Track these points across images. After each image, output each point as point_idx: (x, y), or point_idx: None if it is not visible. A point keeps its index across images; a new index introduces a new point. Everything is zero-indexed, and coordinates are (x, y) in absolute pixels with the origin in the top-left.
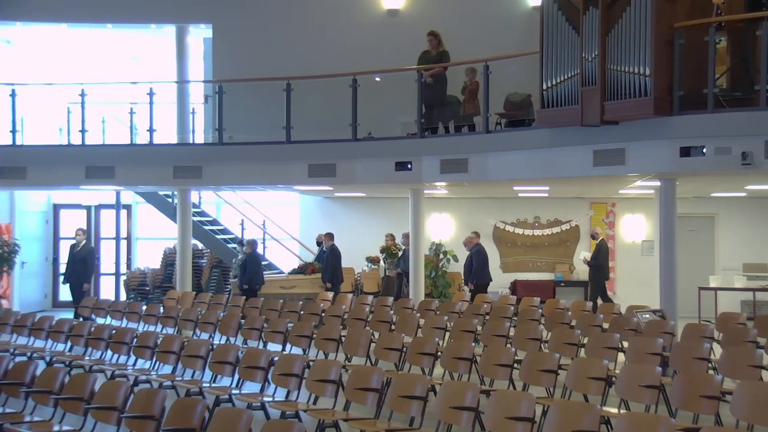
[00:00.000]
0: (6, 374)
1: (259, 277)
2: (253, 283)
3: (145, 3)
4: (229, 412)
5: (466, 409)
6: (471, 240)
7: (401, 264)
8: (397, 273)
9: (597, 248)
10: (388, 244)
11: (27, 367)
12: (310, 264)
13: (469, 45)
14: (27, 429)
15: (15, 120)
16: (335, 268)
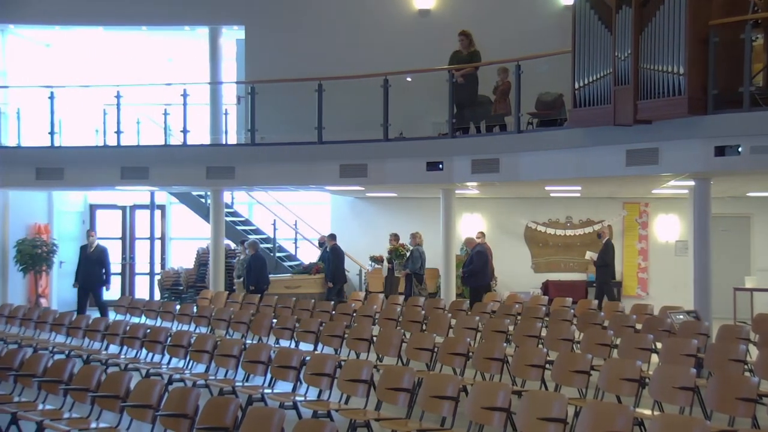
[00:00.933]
0: (45, 372)
1: (265, 278)
2: (260, 284)
3: (179, 5)
4: (262, 411)
5: (497, 409)
6: (471, 241)
7: (410, 264)
8: (406, 274)
9: (603, 248)
10: (394, 245)
11: (65, 365)
12: (314, 264)
13: (500, 45)
14: (65, 425)
15: (53, 122)
16: (337, 268)
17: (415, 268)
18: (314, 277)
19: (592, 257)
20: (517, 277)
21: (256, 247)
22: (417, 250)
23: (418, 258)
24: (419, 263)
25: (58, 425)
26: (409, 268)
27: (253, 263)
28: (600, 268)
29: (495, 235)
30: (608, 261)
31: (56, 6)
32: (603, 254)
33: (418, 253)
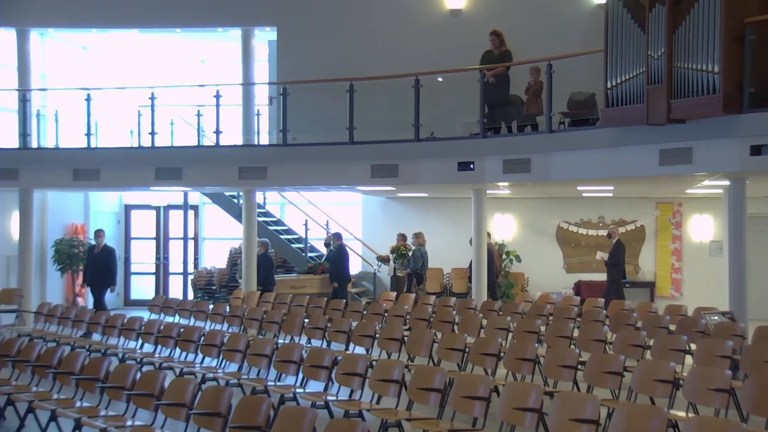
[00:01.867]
0: (82, 370)
1: (272, 279)
2: (267, 284)
3: (212, 7)
4: (294, 410)
5: (529, 410)
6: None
7: (410, 264)
8: (408, 273)
9: (614, 248)
10: (398, 245)
11: (101, 364)
12: (319, 264)
13: (532, 44)
14: (102, 423)
15: (90, 123)
16: (341, 268)
17: (416, 267)
18: (319, 277)
19: (603, 257)
20: (549, 278)
21: (266, 247)
22: (419, 250)
23: (419, 258)
24: (420, 263)
25: (95, 422)
26: (409, 268)
27: (263, 263)
28: (611, 268)
29: (526, 236)
30: (618, 260)
31: (93, 9)
32: (614, 254)
33: (419, 252)
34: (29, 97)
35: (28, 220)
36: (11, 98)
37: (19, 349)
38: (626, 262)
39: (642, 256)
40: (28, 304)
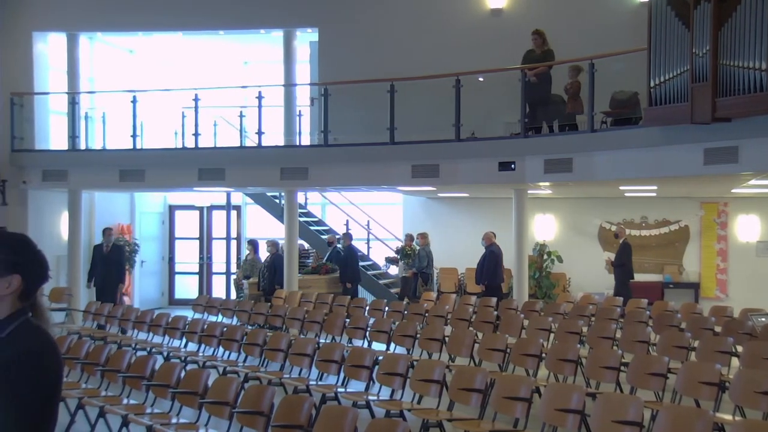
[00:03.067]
0: (129, 368)
1: (281, 279)
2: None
3: (254, 10)
4: (336, 410)
5: (571, 411)
6: (489, 237)
7: (416, 264)
8: (413, 273)
9: (621, 248)
10: (404, 245)
11: (147, 362)
12: (323, 264)
13: (573, 43)
14: (148, 420)
15: (135, 125)
16: (354, 268)
17: (421, 267)
18: (324, 277)
19: (609, 258)
20: (591, 278)
21: (277, 247)
22: (423, 249)
23: (424, 257)
24: (425, 262)
25: (142, 420)
26: (415, 267)
27: (273, 264)
28: (617, 269)
29: (568, 236)
30: (624, 261)
31: (140, 13)
32: (620, 254)
33: (424, 252)
34: (78, 100)
35: (77, 221)
36: (61, 101)
37: (69, 347)
38: (669, 263)
39: (686, 257)
40: (76, 303)
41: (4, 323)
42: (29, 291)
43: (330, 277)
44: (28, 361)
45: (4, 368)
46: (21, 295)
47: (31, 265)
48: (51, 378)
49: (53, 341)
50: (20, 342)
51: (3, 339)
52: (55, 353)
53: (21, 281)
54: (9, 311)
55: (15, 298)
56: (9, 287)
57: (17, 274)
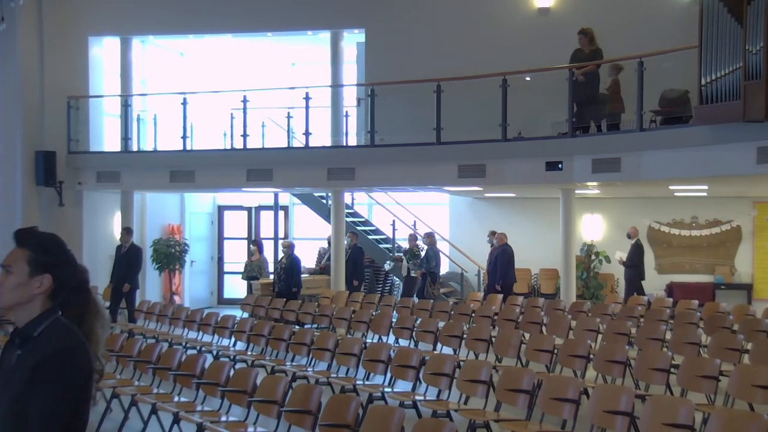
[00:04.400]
0: (179, 366)
1: (298, 281)
2: (293, 286)
3: (302, 11)
4: (382, 409)
5: (620, 413)
6: (502, 237)
7: (424, 264)
8: (422, 273)
9: (633, 248)
10: (410, 245)
11: (197, 360)
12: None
13: (622, 41)
14: (198, 418)
15: (185, 126)
16: (361, 266)
17: (429, 267)
18: (329, 277)
19: (621, 257)
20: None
21: (292, 249)
22: (431, 249)
23: (432, 257)
24: (434, 262)
25: (192, 417)
26: (423, 268)
27: (295, 265)
28: (629, 269)
29: (616, 236)
30: (637, 261)
31: (191, 16)
32: (632, 254)
33: (432, 252)
34: (131, 102)
35: (129, 221)
36: (115, 104)
37: (122, 345)
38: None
39: (738, 258)
40: None
41: (35, 322)
42: (59, 290)
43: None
44: (58, 360)
45: (34, 367)
46: (51, 295)
47: (61, 265)
48: (81, 377)
49: (83, 340)
50: (51, 341)
51: (34, 338)
52: (85, 352)
53: (52, 281)
54: (40, 310)
55: (46, 298)
56: (40, 286)
57: (48, 274)
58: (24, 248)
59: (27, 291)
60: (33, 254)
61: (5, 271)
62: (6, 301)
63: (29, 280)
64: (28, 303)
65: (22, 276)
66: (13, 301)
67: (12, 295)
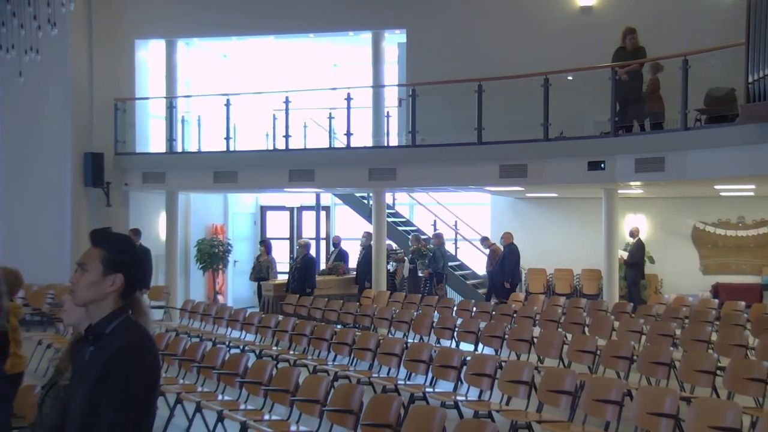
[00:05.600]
0: (223, 365)
1: (312, 281)
2: (307, 286)
3: (343, 12)
4: (424, 409)
5: (665, 416)
6: (508, 237)
7: (432, 264)
8: (429, 273)
9: (635, 247)
10: (416, 246)
11: (240, 359)
12: (339, 265)
13: (665, 39)
14: (241, 416)
15: (229, 127)
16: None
17: (437, 267)
18: (338, 278)
19: (623, 256)
20: (684, 279)
21: (307, 249)
22: (439, 249)
23: (440, 257)
24: (441, 263)
25: (236, 416)
26: (431, 268)
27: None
28: (630, 268)
29: (660, 236)
30: (638, 260)
31: (234, 18)
32: (634, 253)
33: (440, 252)
34: (175, 104)
35: (174, 221)
36: (160, 105)
37: (167, 344)
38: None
39: None
40: (174, 301)
41: (107, 320)
42: (130, 290)
43: (341, 279)
44: (128, 357)
45: (106, 364)
46: (122, 294)
47: (133, 265)
48: (149, 374)
49: (152, 338)
50: (121, 339)
51: (106, 335)
52: (153, 350)
53: (123, 280)
54: (111, 309)
55: (117, 296)
56: (113, 285)
57: (120, 273)
58: (98, 248)
59: (100, 289)
60: (107, 254)
61: (81, 269)
62: (80, 299)
63: (103, 279)
64: (101, 301)
65: (96, 274)
66: (87, 299)
67: (86, 292)
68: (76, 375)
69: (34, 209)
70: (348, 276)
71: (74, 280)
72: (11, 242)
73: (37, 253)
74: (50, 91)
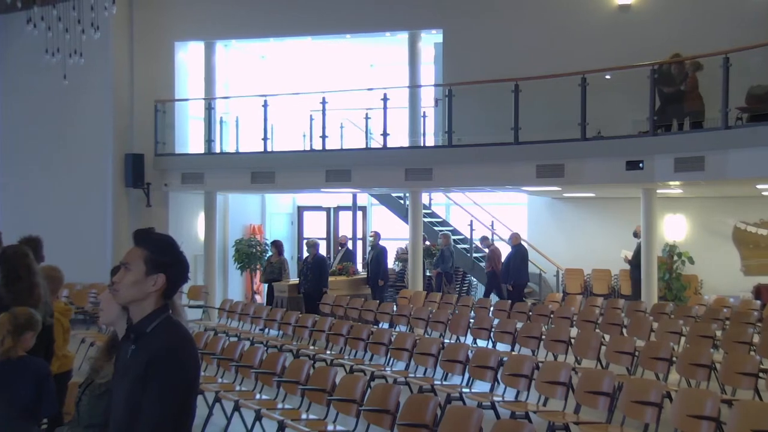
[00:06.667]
0: (261, 364)
1: (325, 282)
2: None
3: (380, 12)
4: (461, 410)
5: (705, 418)
6: (516, 237)
7: (440, 264)
8: (437, 273)
9: (638, 247)
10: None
11: (277, 359)
12: (349, 265)
13: (705, 37)
14: (279, 416)
15: (266, 128)
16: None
17: (446, 267)
18: (348, 278)
19: (627, 255)
20: (725, 280)
21: (317, 248)
22: (447, 249)
23: (449, 257)
24: (450, 262)
25: (273, 415)
26: (440, 267)
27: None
28: (634, 267)
29: (699, 236)
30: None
31: (271, 20)
32: (637, 253)
33: (448, 252)
34: (214, 105)
35: (212, 222)
36: (198, 107)
37: (206, 343)
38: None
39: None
40: (212, 301)
41: (149, 319)
42: (171, 289)
43: (350, 279)
44: (168, 356)
45: (147, 363)
46: (164, 293)
47: (175, 266)
48: (189, 373)
49: (191, 338)
50: (162, 338)
51: (147, 334)
52: (193, 349)
53: (165, 280)
54: (153, 308)
55: (159, 296)
56: (155, 285)
57: (162, 273)
58: (141, 248)
59: (142, 288)
60: (150, 254)
61: (124, 268)
62: (123, 297)
63: (145, 279)
64: (142, 300)
65: (138, 274)
66: (129, 298)
67: (129, 291)
68: (117, 373)
69: (77, 209)
70: (357, 276)
71: (117, 279)
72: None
73: (80, 253)
74: (92, 93)
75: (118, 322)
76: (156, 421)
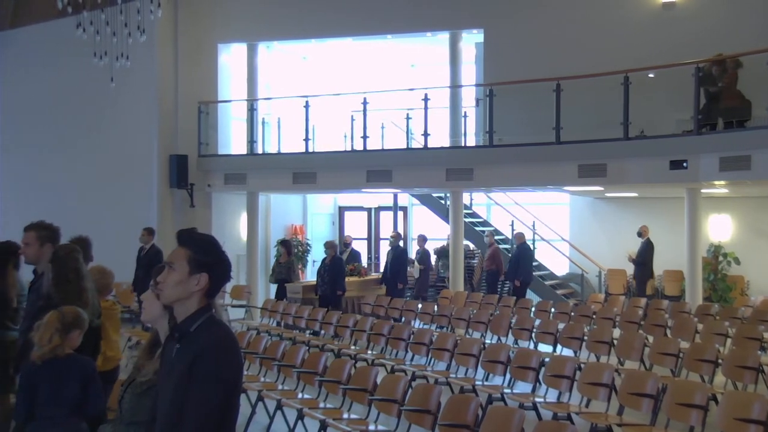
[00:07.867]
0: (302, 364)
1: (341, 283)
2: (336, 288)
3: (421, 13)
4: (502, 410)
5: (753, 422)
6: (521, 237)
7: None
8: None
9: (643, 246)
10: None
11: (319, 358)
12: (359, 267)
13: (749, 34)
14: (321, 414)
15: (308, 129)
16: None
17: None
18: (359, 279)
19: (631, 254)
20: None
21: (336, 249)
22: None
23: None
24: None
25: (315, 414)
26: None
27: (333, 266)
28: (638, 267)
29: (745, 236)
30: (646, 260)
31: (313, 21)
32: (642, 252)
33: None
34: (256, 107)
35: (255, 222)
36: (241, 108)
37: (248, 342)
38: None
39: None
40: (255, 300)
41: (192, 318)
42: (214, 289)
43: (362, 280)
44: (211, 355)
45: (191, 362)
46: (207, 293)
47: (218, 265)
48: (232, 372)
49: (234, 337)
50: (205, 337)
51: (191, 333)
52: (236, 348)
53: (208, 279)
54: (196, 307)
55: (202, 296)
56: (198, 284)
57: (205, 273)
58: (185, 248)
59: (186, 288)
60: (193, 254)
61: (168, 268)
62: (167, 297)
63: (188, 278)
64: (186, 300)
65: (182, 274)
66: (173, 297)
67: (173, 291)
68: (163, 372)
69: (123, 210)
70: (369, 277)
71: (161, 278)
72: (100, 242)
73: (125, 253)
74: (137, 95)
75: (160, 320)
76: (200, 419)
